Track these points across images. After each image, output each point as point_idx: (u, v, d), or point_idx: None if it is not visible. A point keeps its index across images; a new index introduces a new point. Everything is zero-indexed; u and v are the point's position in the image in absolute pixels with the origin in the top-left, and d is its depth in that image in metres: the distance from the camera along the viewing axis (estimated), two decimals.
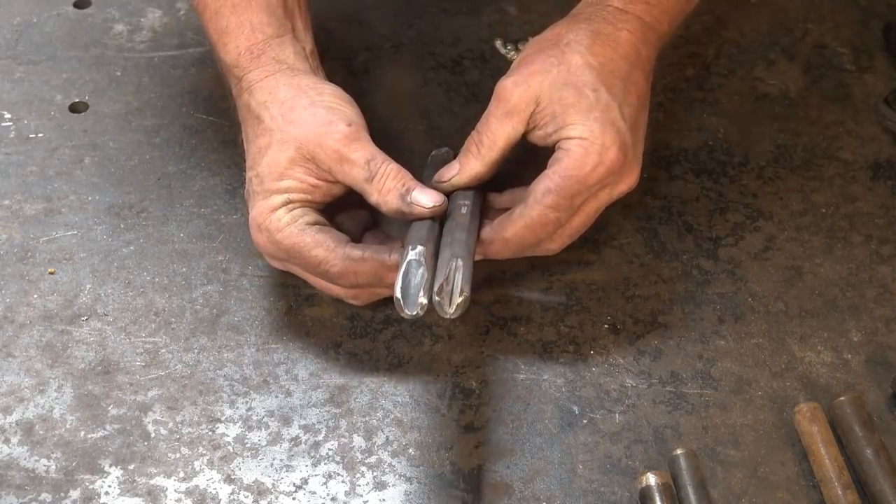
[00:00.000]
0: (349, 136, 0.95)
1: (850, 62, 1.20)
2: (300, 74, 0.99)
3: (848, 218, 1.08)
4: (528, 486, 0.91)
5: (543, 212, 0.94)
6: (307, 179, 0.95)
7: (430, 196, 0.95)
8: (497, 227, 0.97)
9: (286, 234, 0.94)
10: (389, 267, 0.93)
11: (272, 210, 0.95)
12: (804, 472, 0.91)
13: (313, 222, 0.95)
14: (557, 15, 1.24)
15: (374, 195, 0.95)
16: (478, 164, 0.98)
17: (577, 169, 0.94)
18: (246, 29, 0.99)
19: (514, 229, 0.96)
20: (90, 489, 0.90)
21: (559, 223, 0.96)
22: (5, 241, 1.05)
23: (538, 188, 0.95)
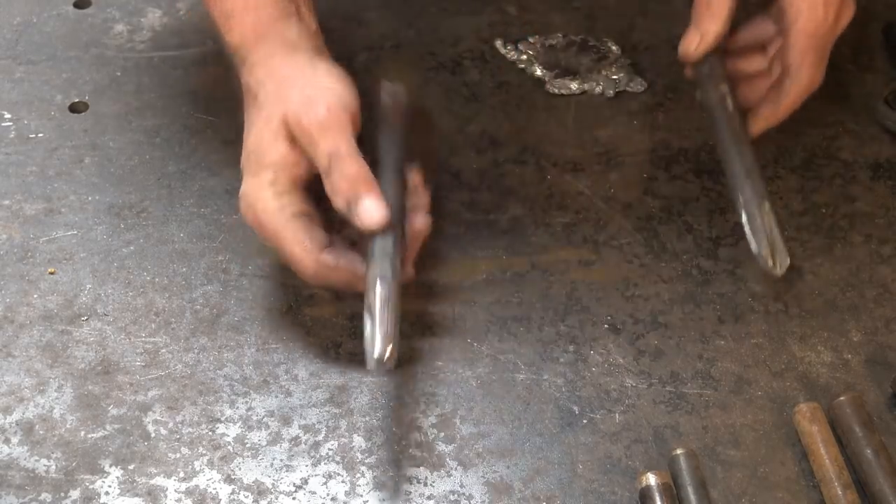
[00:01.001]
0: (324, 121, 0.93)
1: (850, 62, 1.20)
2: (300, 53, 0.98)
3: (848, 218, 1.08)
4: (528, 486, 0.91)
5: (810, 73, 1.02)
6: (290, 154, 0.93)
7: (376, 211, 0.91)
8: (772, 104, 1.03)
9: (270, 219, 0.93)
10: (361, 278, 0.93)
11: (261, 188, 0.94)
12: (804, 472, 0.91)
13: (298, 213, 0.93)
14: (557, 15, 1.24)
15: (328, 189, 0.93)
16: (715, 23, 1.01)
17: (814, 21, 1.01)
18: (250, 11, 0.99)
19: (790, 100, 1.03)
20: (90, 489, 0.90)
21: (822, 76, 1.04)
22: (5, 241, 1.05)
23: (793, 53, 1.01)
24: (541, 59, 1.18)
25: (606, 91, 1.16)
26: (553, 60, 1.19)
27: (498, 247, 1.05)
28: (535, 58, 1.18)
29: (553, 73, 1.17)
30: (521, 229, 1.06)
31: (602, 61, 1.18)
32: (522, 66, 1.18)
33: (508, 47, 1.20)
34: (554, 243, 1.06)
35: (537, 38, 1.20)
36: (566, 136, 1.14)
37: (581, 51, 1.19)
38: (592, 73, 1.17)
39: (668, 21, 1.24)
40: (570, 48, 1.19)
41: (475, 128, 1.14)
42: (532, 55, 1.18)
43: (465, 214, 1.07)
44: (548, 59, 1.19)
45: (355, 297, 0.95)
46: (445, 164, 1.11)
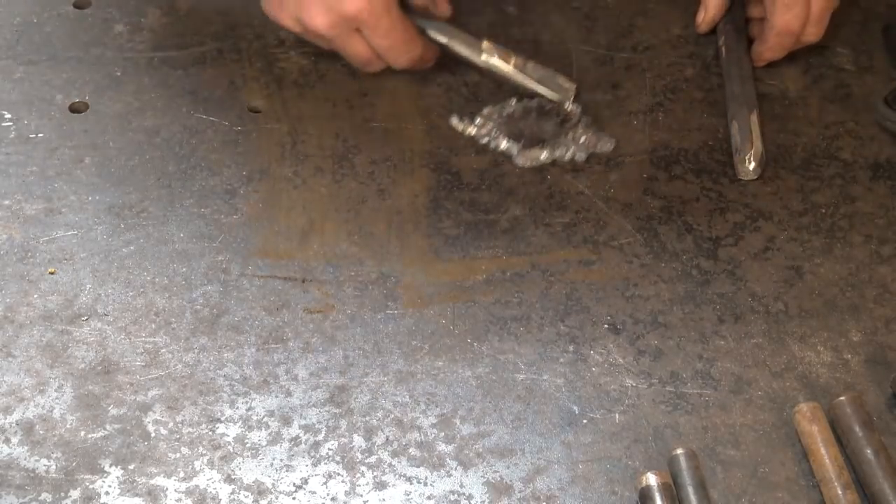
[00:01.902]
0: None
1: (850, 62, 1.20)
2: None
3: (848, 218, 1.08)
4: (528, 486, 0.91)
5: (783, 15, 1.14)
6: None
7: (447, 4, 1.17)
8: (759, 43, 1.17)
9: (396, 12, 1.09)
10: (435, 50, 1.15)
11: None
12: (804, 472, 0.91)
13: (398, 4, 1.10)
14: (557, 15, 1.24)
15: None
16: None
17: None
18: None
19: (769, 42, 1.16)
20: (90, 489, 0.90)
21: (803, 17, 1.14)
22: (5, 241, 1.05)
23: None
24: (503, 131, 1.12)
25: (577, 156, 1.11)
26: (516, 131, 1.12)
27: (498, 247, 1.05)
28: (496, 131, 1.12)
29: (519, 144, 1.11)
30: (521, 229, 1.07)
31: (565, 124, 1.12)
32: (485, 141, 1.12)
33: (465, 122, 1.13)
34: (554, 243, 1.06)
35: (492, 109, 1.14)
36: None
37: (541, 116, 1.13)
38: (559, 139, 1.11)
39: (668, 21, 1.24)
40: (528, 115, 1.13)
41: None
42: (492, 128, 1.12)
43: (465, 214, 1.08)
44: (510, 129, 1.12)
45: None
46: (445, 164, 1.11)
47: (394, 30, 1.10)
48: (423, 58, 1.14)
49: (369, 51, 1.11)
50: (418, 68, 1.15)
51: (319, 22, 1.08)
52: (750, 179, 1.10)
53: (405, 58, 1.12)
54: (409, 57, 1.12)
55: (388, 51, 1.11)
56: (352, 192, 1.09)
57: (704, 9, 1.21)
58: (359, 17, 1.08)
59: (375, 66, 1.14)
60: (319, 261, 1.04)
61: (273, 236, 1.06)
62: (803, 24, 1.15)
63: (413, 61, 1.13)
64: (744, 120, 1.12)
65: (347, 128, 1.14)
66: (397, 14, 1.09)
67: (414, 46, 1.12)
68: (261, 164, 1.10)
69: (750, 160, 1.10)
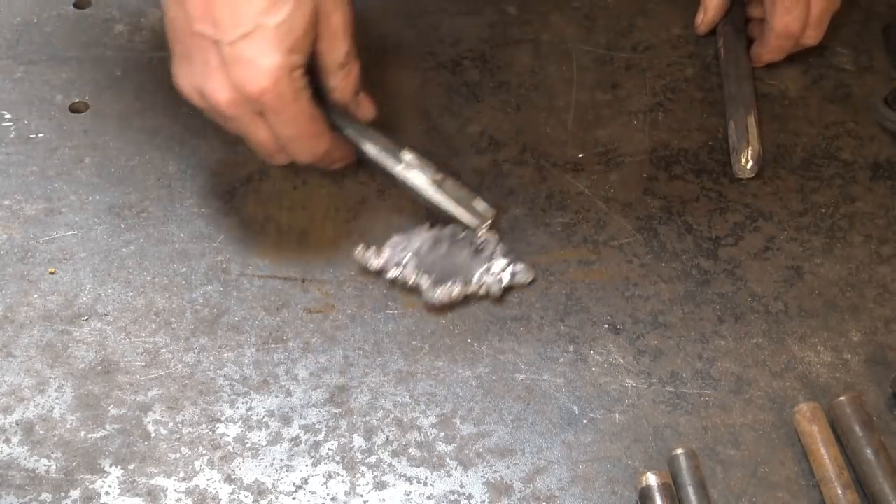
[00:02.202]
0: (349, 22, 1.00)
1: (850, 62, 1.20)
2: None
3: (848, 218, 1.08)
4: (528, 486, 0.91)
5: (783, 18, 1.14)
6: (311, 44, 0.98)
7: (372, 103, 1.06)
8: (759, 46, 1.17)
9: (302, 98, 0.98)
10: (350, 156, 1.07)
11: (293, 67, 0.96)
12: (804, 472, 0.91)
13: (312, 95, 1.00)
14: (557, 15, 1.24)
15: (337, 83, 1.02)
16: None
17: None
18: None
19: (769, 44, 1.16)
20: (90, 489, 0.90)
21: (803, 19, 1.14)
22: (5, 241, 1.05)
23: None
24: (412, 263, 1.01)
25: (492, 290, 1.00)
26: (427, 264, 1.02)
27: None
28: (405, 263, 1.02)
29: (430, 278, 1.00)
30: (521, 229, 1.07)
31: (480, 254, 1.02)
32: (393, 274, 1.01)
33: (371, 252, 1.02)
34: (554, 243, 1.06)
35: (399, 238, 1.03)
36: (566, 136, 1.14)
37: (453, 246, 1.03)
38: (474, 271, 1.01)
39: (668, 21, 1.24)
40: (438, 246, 1.03)
41: (475, 128, 1.14)
42: (401, 260, 1.02)
43: None
44: (420, 262, 1.02)
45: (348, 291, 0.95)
46: (445, 164, 1.11)
47: (300, 119, 0.99)
48: (333, 156, 1.05)
49: (272, 139, 1.00)
50: (328, 167, 1.06)
51: (220, 98, 0.96)
52: (747, 178, 1.10)
53: (309, 152, 1.02)
54: (313, 152, 1.02)
55: (290, 141, 1.00)
56: (352, 192, 1.09)
57: (704, 10, 1.21)
58: (262, 98, 0.96)
59: (280, 158, 1.03)
60: (319, 261, 1.04)
61: (273, 236, 1.06)
62: (803, 26, 1.15)
63: (318, 157, 1.03)
64: (740, 119, 1.12)
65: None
66: (306, 103, 0.99)
67: (320, 142, 1.02)
68: (261, 164, 1.10)
69: (746, 159, 1.10)
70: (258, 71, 0.95)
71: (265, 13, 0.94)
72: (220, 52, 0.95)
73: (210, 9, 0.95)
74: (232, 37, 0.94)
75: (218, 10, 0.95)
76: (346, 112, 1.05)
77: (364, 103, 1.06)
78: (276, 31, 0.94)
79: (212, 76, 0.96)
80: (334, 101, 1.03)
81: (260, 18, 0.94)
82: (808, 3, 1.14)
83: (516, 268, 1.01)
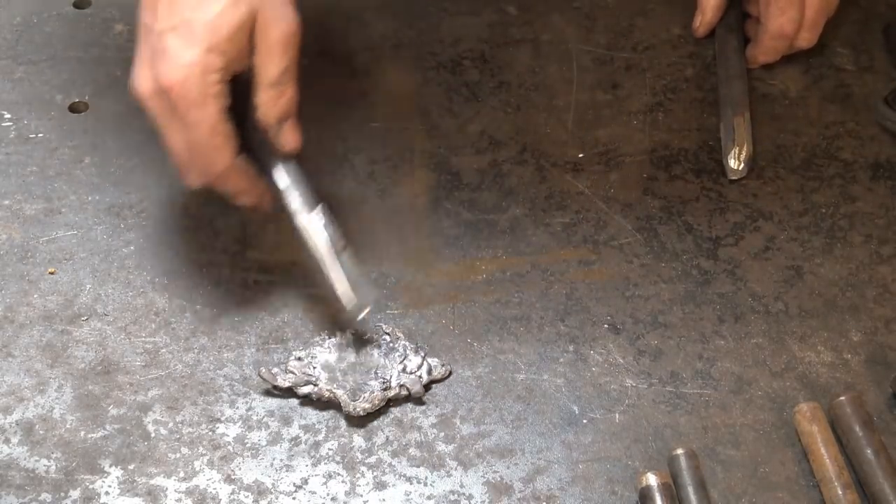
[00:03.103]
0: (292, 37, 0.93)
1: (850, 62, 1.20)
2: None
3: (848, 218, 1.08)
4: (528, 486, 0.91)
5: (777, 18, 1.14)
6: (244, 51, 0.92)
7: (299, 134, 0.96)
8: (753, 45, 1.18)
9: (210, 104, 0.91)
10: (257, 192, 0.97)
11: (210, 69, 0.91)
12: (804, 472, 0.91)
13: (227, 108, 0.93)
14: (557, 15, 1.24)
15: (264, 101, 0.94)
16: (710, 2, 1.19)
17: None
18: None
19: (763, 44, 1.16)
20: (90, 489, 0.90)
21: (797, 21, 1.14)
22: (5, 241, 1.05)
23: None
24: (323, 378, 0.95)
25: (414, 390, 0.95)
26: (339, 375, 0.95)
27: (498, 247, 1.05)
28: (315, 380, 0.95)
29: (346, 391, 0.94)
30: (521, 229, 1.07)
31: (392, 353, 0.97)
32: (305, 391, 0.94)
33: (275, 371, 0.95)
34: (554, 243, 1.06)
35: (304, 353, 0.97)
36: (566, 136, 1.14)
37: (361, 351, 0.97)
38: (389, 373, 0.95)
39: (668, 21, 1.24)
40: (345, 353, 0.97)
41: (475, 128, 1.14)
42: (310, 377, 0.95)
43: (465, 214, 1.08)
44: (332, 375, 0.95)
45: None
46: (445, 164, 1.11)
47: (201, 125, 0.91)
48: (235, 184, 0.96)
49: (183, 146, 0.93)
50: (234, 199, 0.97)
51: (141, 88, 0.92)
52: (740, 178, 1.10)
53: (203, 167, 0.94)
54: (208, 168, 0.94)
55: (190, 147, 0.93)
56: (352, 192, 1.09)
57: (701, 13, 1.20)
58: (171, 93, 0.90)
59: (188, 173, 0.95)
60: None
61: (273, 236, 1.06)
62: (797, 28, 1.15)
63: (214, 176, 0.94)
64: (727, 120, 1.13)
65: (347, 128, 1.14)
66: (213, 111, 0.91)
67: (218, 158, 0.93)
68: None
69: (734, 159, 1.10)
70: (173, 64, 0.90)
71: (195, 8, 0.91)
72: (150, 41, 0.92)
73: (156, 1, 0.93)
74: (162, 27, 0.92)
75: (160, 1, 0.92)
76: (268, 138, 0.95)
77: (289, 133, 0.96)
78: (199, 27, 0.91)
79: (142, 66, 0.93)
80: (257, 121, 0.95)
81: (188, 13, 0.91)
82: (802, 5, 1.14)
83: (432, 362, 0.96)
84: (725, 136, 1.12)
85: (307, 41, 1.15)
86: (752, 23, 1.20)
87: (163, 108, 0.92)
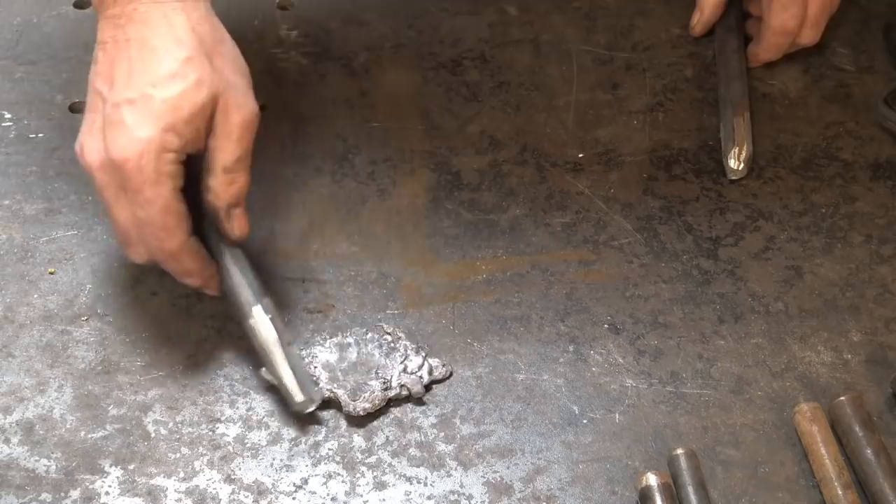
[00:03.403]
0: (251, 123, 0.92)
1: (850, 62, 1.20)
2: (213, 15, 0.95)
3: (848, 218, 1.08)
4: (528, 486, 0.91)
5: (780, 15, 1.14)
6: (201, 131, 0.91)
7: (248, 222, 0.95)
8: (755, 44, 1.18)
9: (164, 183, 0.90)
10: (207, 275, 0.95)
11: (166, 145, 0.89)
12: (804, 472, 0.91)
13: (180, 188, 0.92)
14: (557, 15, 1.24)
15: (215, 185, 0.93)
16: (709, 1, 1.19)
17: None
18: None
19: (766, 42, 1.16)
20: (90, 489, 0.90)
21: (800, 17, 1.14)
22: (5, 241, 1.05)
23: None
24: (325, 380, 0.95)
25: (414, 391, 0.95)
26: (340, 375, 0.95)
27: (498, 247, 1.05)
28: (316, 379, 0.95)
29: (346, 391, 0.94)
30: (521, 229, 1.07)
31: (393, 353, 0.96)
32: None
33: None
34: (554, 243, 1.06)
35: (307, 352, 0.97)
36: (566, 136, 1.14)
37: (363, 350, 0.97)
38: (391, 373, 0.95)
39: (668, 21, 1.24)
40: (346, 353, 0.97)
41: (475, 128, 1.14)
42: (312, 376, 0.95)
43: (465, 214, 1.08)
44: (333, 375, 0.95)
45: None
46: (446, 164, 1.11)
47: (154, 204, 0.89)
48: (185, 266, 0.94)
49: (131, 222, 0.91)
50: (182, 279, 0.96)
51: (90, 159, 0.90)
52: (740, 178, 1.10)
53: (154, 246, 0.92)
54: (159, 248, 0.92)
55: (141, 227, 0.91)
56: (352, 192, 1.09)
57: (700, 11, 1.20)
58: (123, 168, 0.88)
59: (136, 251, 0.93)
60: (319, 261, 1.04)
61: (273, 236, 1.06)
62: (800, 24, 1.15)
63: (165, 257, 0.93)
64: (727, 120, 1.13)
65: (347, 128, 1.14)
66: (167, 190, 0.90)
67: (170, 239, 0.91)
68: (261, 164, 1.10)
69: (734, 159, 1.10)
70: (127, 139, 0.88)
71: (155, 85, 0.89)
72: (105, 112, 0.90)
73: (111, 68, 0.91)
74: (118, 98, 0.90)
75: (117, 70, 0.90)
76: (217, 222, 0.94)
77: (238, 219, 0.94)
78: (159, 104, 0.89)
79: (91, 135, 0.91)
80: (206, 204, 0.94)
81: (149, 88, 0.89)
82: (805, 1, 1.14)
83: (432, 362, 0.96)
84: (725, 136, 1.12)
85: (307, 41, 1.16)
86: (753, 22, 1.20)
87: (111, 182, 0.90)
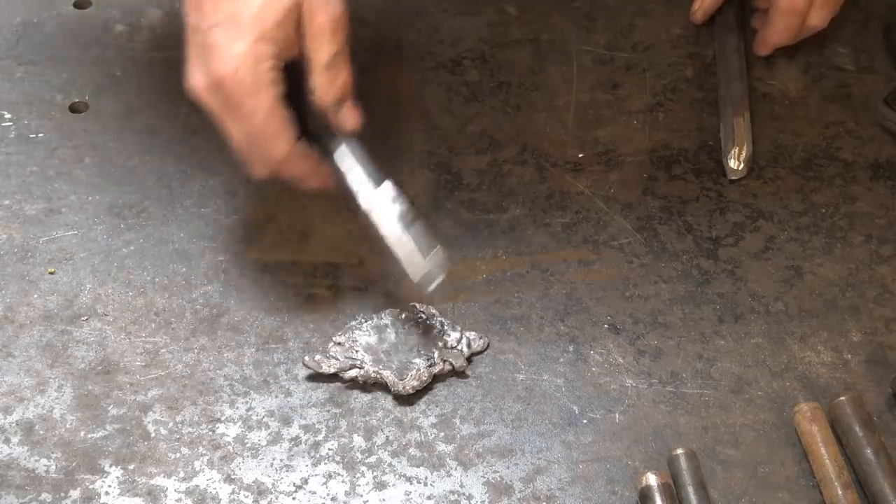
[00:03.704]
0: (339, 20, 0.95)
1: (850, 62, 1.20)
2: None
3: (848, 218, 1.08)
4: (528, 486, 0.91)
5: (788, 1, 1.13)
6: (292, 37, 0.94)
7: (358, 114, 0.98)
8: (763, 31, 1.17)
9: (265, 93, 0.92)
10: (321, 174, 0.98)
11: (262, 58, 0.92)
12: (804, 472, 0.91)
13: (283, 95, 0.94)
14: (557, 15, 1.24)
15: (321, 85, 0.95)
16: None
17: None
18: None
19: (773, 29, 1.16)
20: (90, 489, 0.90)
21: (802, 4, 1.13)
22: (5, 241, 1.05)
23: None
24: (369, 362, 0.96)
25: (457, 365, 0.96)
26: (383, 356, 0.97)
27: (498, 247, 1.05)
28: (360, 363, 0.96)
29: (391, 370, 0.95)
30: (521, 229, 1.07)
31: (431, 330, 0.98)
32: (351, 375, 0.96)
33: (318, 358, 0.96)
34: (554, 243, 1.06)
35: (344, 338, 0.98)
36: (566, 136, 1.14)
37: (400, 331, 0.98)
38: (431, 350, 0.97)
39: (668, 21, 1.24)
40: (385, 334, 0.98)
41: (475, 128, 1.14)
42: (355, 361, 0.96)
43: (465, 214, 1.08)
44: (376, 357, 0.96)
45: (348, 296, 0.94)
46: (445, 164, 1.11)
47: (257, 113, 0.92)
48: (299, 169, 0.97)
49: (243, 136, 0.94)
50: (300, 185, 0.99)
51: (195, 84, 0.93)
52: (740, 178, 1.10)
53: (264, 155, 0.94)
54: (269, 156, 0.94)
55: (249, 137, 0.94)
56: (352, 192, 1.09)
57: (700, 0, 1.21)
58: (224, 85, 0.91)
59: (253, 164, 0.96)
60: (319, 261, 1.04)
61: (273, 236, 1.06)
62: (808, 3, 1.15)
63: (276, 164, 0.95)
64: (727, 120, 1.13)
65: None
66: (268, 98, 0.92)
67: (278, 145, 0.94)
68: None
69: (731, 159, 1.10)
70: (223, 57, 0.92)
71: (240, 2, 0.93)
72: (198, 38, 0.94)
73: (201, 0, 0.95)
74: (208, 23, 0.93)
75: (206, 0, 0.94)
76: (327, 120, 0.97)
77: (348, 113, 0.97)
78: (245, 19, 0.92)
79: (192, 63, 0.94)
80: (315, 105, 0.96)
81: (234, 7, 0.93)
82: None
83: (470, 335, 0.98)
84: (725, 136, 1.12)
85: None
86: (759, 16, 1.20)
87: (218, 102, 0.93)
